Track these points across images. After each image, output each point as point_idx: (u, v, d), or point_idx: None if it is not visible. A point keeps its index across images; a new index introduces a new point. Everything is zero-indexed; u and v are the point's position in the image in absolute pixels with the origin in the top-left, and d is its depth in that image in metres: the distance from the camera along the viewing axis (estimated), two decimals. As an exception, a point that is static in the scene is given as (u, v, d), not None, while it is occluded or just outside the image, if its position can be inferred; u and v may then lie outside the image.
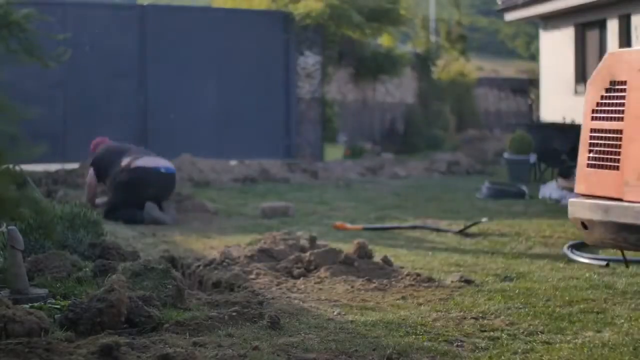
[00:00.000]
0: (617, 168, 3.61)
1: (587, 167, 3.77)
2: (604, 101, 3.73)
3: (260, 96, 14.71)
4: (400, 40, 20.38)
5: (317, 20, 14.84)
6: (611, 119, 3.66)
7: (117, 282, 3.63)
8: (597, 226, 3.66)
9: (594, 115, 3.76)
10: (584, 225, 3.73)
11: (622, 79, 3.64)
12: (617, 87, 3.67)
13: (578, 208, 3.76)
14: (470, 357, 3.34)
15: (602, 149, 3.71)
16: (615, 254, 5.94)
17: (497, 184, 10.94)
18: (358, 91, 17.75)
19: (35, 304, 3.80)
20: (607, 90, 3.71)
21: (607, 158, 3.68)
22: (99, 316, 3.53)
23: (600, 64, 3.82)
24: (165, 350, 3.25)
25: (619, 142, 3.62)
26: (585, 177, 3.77)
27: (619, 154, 3.61)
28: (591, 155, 3.76)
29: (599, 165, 3.72)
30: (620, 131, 3.61)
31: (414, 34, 21.21)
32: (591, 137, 3.76)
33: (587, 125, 3.79)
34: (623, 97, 3.64)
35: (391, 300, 4.40)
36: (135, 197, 8.13)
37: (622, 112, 3.63)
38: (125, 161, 8.30)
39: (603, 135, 3.71)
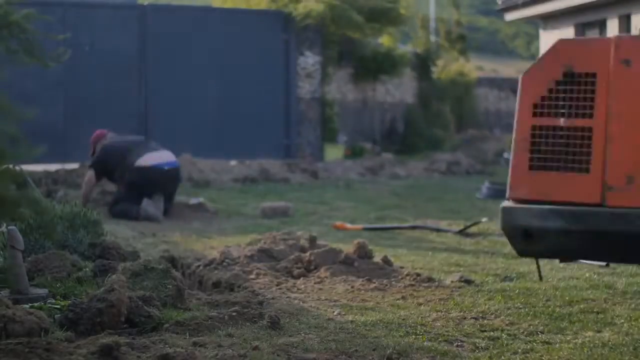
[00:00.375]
0: (587, 170, 3.23)
1: (531, 169, 3.34)
2: (554, 95, 3.32)
3: (260, 96, 14.70)
4: (400, 40, 20.36)
5: (317, 20, 14.84)
6: (572, 115, 3.26)
7: (117, 282, 3.63)
8: (551, 235, 3.26)
9: (538, 110, 3.33)
10: (528, 234, 3.30)
11: (588, 70, 3.25)
12: (577, 79, 3.27)
13: (521, 215, 3.32)
14: (470, 357, 3.34)
15: (555, 148, 3.31)
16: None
17: (497, 184, 10.93)
18: (358, 91, 17.75)
19: (35, 304, 3.80)
20: (559, 82, 3.30)
21: (567, 159, 3.28)
22: (99, 316, 3.53)
23: (546, 53, 3.40)
24: (165, 350, 3.25)
25: (587, 142, 3.24)
26: (528, 180, 3.34)
27: (588, 154, 3.24)
28: (536, 156, 3.34)
29: (552, 167, 3.30)
30: (588, 129, 3.23)
31: (414, 34, 21.19)
32: (534, 136, 3.33)
33: (525, 121, 3.35)
34: (589, 91, 3.25)
35: (391, 300, 4.39)
36: (142, 195, 8.26)
37: (590, 107, 3.24)
38: (130, 160, 8.38)
39: (557, 133, 3.30)
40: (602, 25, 17.21)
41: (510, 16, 19.95)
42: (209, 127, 14.29)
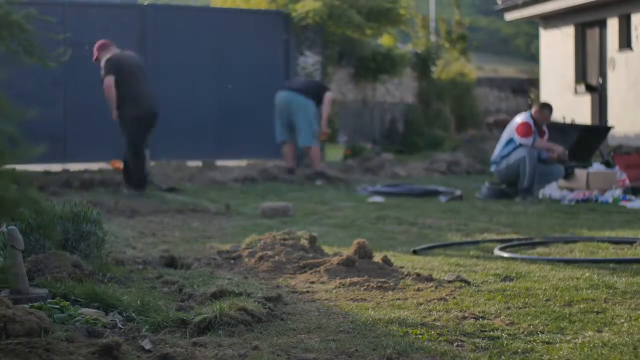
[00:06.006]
0: None
1: None
2: None
3: (260, 96, 14.70)
4: (400, 40, 20.37)
5: (315, 20, 14.84)
6: None
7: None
8: None
9: None
10: None
11: None
12: None
13: None
14: (470, 357, 3.34)
15: None
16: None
17: (497, 184, 10.93)
18: (358, 91, 17.75)
19: (35, 304, 3.80)
20: None
21: None
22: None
23: None
24: (165, 350, 3.25)
25: None
26: None
27: None
28: None
29: None
30: None
31: (414, 34, 21.19)
32: None
33: None
34: None
35: (391, 300, 4.39)
36: None
37: None
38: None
39: None
40: (602, 24, 17.21)
41: (510, 16, 19.97)
42: (209, 127, 14.29)
